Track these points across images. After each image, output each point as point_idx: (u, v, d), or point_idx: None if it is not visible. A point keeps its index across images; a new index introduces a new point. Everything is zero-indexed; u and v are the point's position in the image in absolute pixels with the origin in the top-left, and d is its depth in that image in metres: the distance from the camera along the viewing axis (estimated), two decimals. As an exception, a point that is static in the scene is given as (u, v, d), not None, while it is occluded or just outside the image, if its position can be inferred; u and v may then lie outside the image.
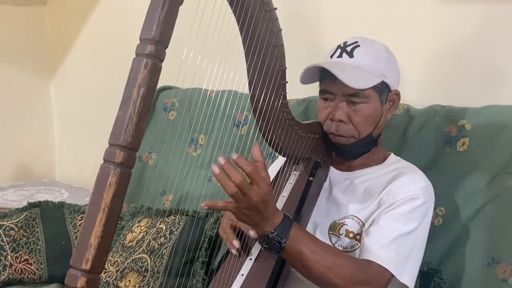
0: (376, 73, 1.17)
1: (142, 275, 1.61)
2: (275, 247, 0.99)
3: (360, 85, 1.14)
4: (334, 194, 1.24)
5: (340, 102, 1.18)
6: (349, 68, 1.15)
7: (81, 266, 0.72)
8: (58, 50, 2.62)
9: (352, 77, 1.13)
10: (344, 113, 1.17)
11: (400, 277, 1.06)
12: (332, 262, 1.01)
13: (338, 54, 1.19)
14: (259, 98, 1.04)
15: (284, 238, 0.98)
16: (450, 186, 1.35)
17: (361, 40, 1.20)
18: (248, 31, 0.99)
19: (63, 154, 2.71)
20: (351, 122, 1.18)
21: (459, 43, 1.52)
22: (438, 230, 1.32)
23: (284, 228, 0.98)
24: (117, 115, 0.77)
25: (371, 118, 1.19)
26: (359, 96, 1.16)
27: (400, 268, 1.06)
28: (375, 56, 1.18)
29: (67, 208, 1.86)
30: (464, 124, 1.38)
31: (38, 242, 1.73)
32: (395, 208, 1.11)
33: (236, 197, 0.92)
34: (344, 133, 1.19)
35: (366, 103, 1.17)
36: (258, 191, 0.92)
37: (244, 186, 0.90)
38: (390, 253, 1.05)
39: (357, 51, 1.17)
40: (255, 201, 0.92)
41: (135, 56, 0.78)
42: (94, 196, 0.75)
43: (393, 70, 1.21)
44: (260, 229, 0.99)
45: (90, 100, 2.52)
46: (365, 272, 1.03)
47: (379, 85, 1.17)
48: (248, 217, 0.96)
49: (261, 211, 0.95)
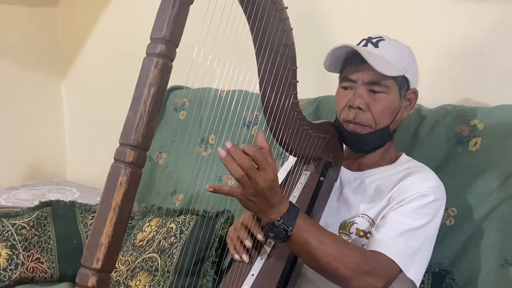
0: (399, 66, 1.17)
1: (153, 275, 1.61)
2: (281, 235, 0.97)
3: (385, 71, 1.13)
4: (344, 193, 1.23)
5: (361, 90, 1.17)
6: (375, 55, 1.15)
7: (92, 265, 0.72)
8: (69, 51, 2.63)
9: (378, 62, 1.13)
10: (363, 101, 1.17)
11: (407, 272, 1.05)
12: (339, 252, 1.00)
13: (363, 44, 1.20)
14: (270, 97, 1.03)
15: (290, 226, 0.97)
16: (462, 186, 1.34)
17: (385, 37, 1.21)
18: (258, 30, 0.98)
19: (74, 153, 2.73)
20: (369, 111, 1.17)
21: (471, 42, 1.51)
22: (450, 231, 1.31)
23: (290, 216, 0.97)
24: (128, 114, 0.77)
25: (389, 109, 1.18)
26: (380, 85, 1.16)
27: (407, 262, 1.05)
28: (399, 50, 1.19)
29: (78, 207, 1.87)
30: (476, 124, 1.37)
31: (49, 241, 1.74)
32: (405, 204, 1.10)
33: (243, 181, 0.90)
34: (361, 121, 1.18)
35: (386, 93, 1.17)
36: (265, 176, 0.91)
37: (251, 171, 0.89)
38: (399, 246, 1.04)
39: (382, 44, 1.18)
40: (261, 187, 0.91)
41: (145, 56, 0.78)
42: (104, 195, 0.75)
43: (413, 69, 1.22)
44: (266, 217, 0.98)
45: (101, 100, 2.54)
46: (372, 263, 1.02)
47: (401, 78, 1.17)
48: (254, 204, 0.95)
49: (267, 198, 0.94)
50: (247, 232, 1.11)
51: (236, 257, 1.08)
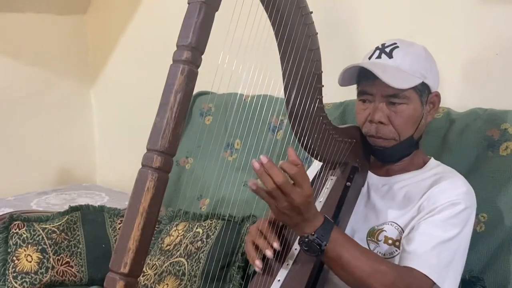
0: (416, 74, 1.14)
1: (180, 279, 1.62)
2: (315, 250, 0.97)
3: (401, 84, 1.11)
4: (372, 199, 1.22)
5: (380, 104, 1.16)
6: (389, 68, 1.13)
7: (120, 269, 0.73)
8: (98, 58, 2.68)
9: (393, 77, 1.11)
10: (384, 114, 1.15)
11: (442, 285, 1.03)
12: (373, 268, 0.99)
13: (376, 55, 1.18)
14: (295, 102, 1.03)
15: (324, 240, 0.97)
16: (492, 191, 1.30)
17: (399, 42, 1.18)
18: (283, 36, 0.98)
19: (104, 159, 2.78)
20: (391, 124, 1.16)
21: (500, 44, 1.48)
22: (480, 237, 1.28)
23: (324, 231, 0.97)
24: (155, 120, 0.78)
25: (412, 119, 1.16)
26: (399, 97, 1.14)
27: (441, 275, 1.03)
28: (415, 57, 1.16)
29: (107, 212, 1.89)
30: (507, 128, 1.33)
31: (79, 245, 1.76)
32: (435, 214, 1.08)
33: (275, 194, 0.90)
34: (384, 135, 1.17)
35: (406, 104, 1.15)
36: (301, 192, 0.91)
37: (286, 187, 0.89)
38: (432, 260, 1.03)
39: (396, 52, 1.15)
40: (297, 202, 0.91)
41: (172, 63, 0.79)
42: (132, 200, 0.76)
43: (432, 71, 1.19)
44: (301, 231, 0.98)
45: (129, 106, 2.58)
46: (406, 279, 1.01)
47: (420, 86, 1.15)
48: (289, 218, 0.95)
49: (302, 213, 0.94)
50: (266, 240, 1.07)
51: (258, 268, 1.05)
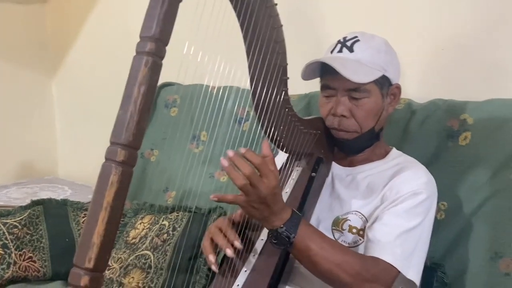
0: (377, 67, 1.16)
1: (146, 272, 1.61)
2: (284, 242, 0.99)
3: (362, 79, 1.14)
4: (336, 189, 1.24)
5: (342, 97, 1.18)
6: (350, 63, 1.15)
7: (84, 264, 0.72)
8: (59, 48, 2.62)
9: (354, 72, 1.13)
10: (346, 108, 1.18)
11: (406, 274, 1.06)
12: (340, 259, 1.01)
13: (338, 49, 1.19)
14: (261, 94, 1.03)
15: (293, 233, 0.98)
16: (452, 180, 1.34)
17: (360, 35, 1.19)
18: (249, 28, 0.98)
19: (66, 151, 2.72)
20: (353, 117, 1.18)
21: (460, 36, 1.51)
22: (441, 225, 1.32)
23: (293, 224, 0.99)
24: (118, 113, 0.77)
25: (373, 112, 1.19)
26: (360, 91, 1.16)
27: (405, 264, 1.06)
28: (375, 50, 1.18)
29: (70, 206, 1.86)
30: (466, 118, 1.37)
31: (41, 239, 1.73)
32: (398, 204, 1.11)
33: (246, 190, 0.92)
34: (346, 128, 1.19)
35: (368, 98, 1.17)
36: (267, 183, 0.92)
37: (253, 178, 0.90)
38: (396, 250, 1.05)
39: (357, 46, 1.17)
40: (264, 194, 0.92)
41: (135, 54, 0.78)
42: (96, 194, 0.74)
43: (393, 64, 1.21)
44: (269, 224, 0.99)
45: (91, 98, 2.53)
46: (372, 269, 1.03)
47: (380, 79, 1.17)
48: (257, 211, 0.96)
49: (270, 205, 0.95)
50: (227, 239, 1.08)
51: (213, 265, 1.07)
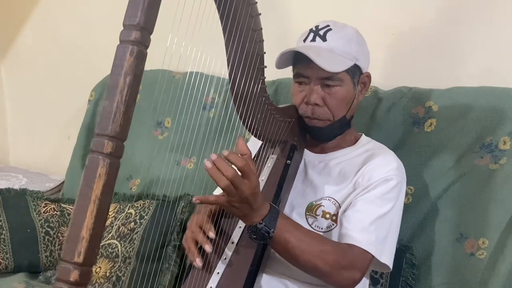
0: (349, 56, 1.18)
1: (113, 261, 1.59)
2: (264, 237, 1.01)
3: (335, 68, 1.15)
4: (309, 176, 1.25)
5: (315, 86, 1.19)
6: (324, 52, 1.16)
7: (73, 259, 0.70)
8: (8, 31, 2.50)
9: (328, 61, 1.14)
10: (319, 96, 1.19)
11: (380, 258, 1.09)
12: (318, 249, 1.04)
13: (311, 38, 1.20)
14: (240, 83, 1.03)
15: (272, 228, 1.00)
16: (418, 165, 1.39)
17: (332, 24, 1.21)
18: (229, 16, 0.97)
19: (18, 138, 2.61)
20: (326, 105, 1.20)
21: (426, 23, 1.55)
22: (408, 209, 1.37)
23: (271, 218, 1.01)
24: (103, 104, 0.75)
25: (345, 100, 1.21)
26: (333, 80, 1.18)
27: (379, 249, 1.09)
28: (347, 39, 1.20)
29: (30, 195, 1.80)
30: (431, 106, 1.42)
31: (1, 231, 1.66)
32: (370, 190, 1.14)
33: (229, 191, 0.93)
34: (319, 116, 1.21)
35: (340, 86, 1.19)
36: (249, 184, 0.94)
37: (236, 180, 0.92)
38: (370, 236, 1.09)
39: (330, 35, 1.19)
40: (246, 194, 0.94)
41: (119, 43, 0.76)
42: (83, 187, 0.73)
43: (364, 53, 1.24)
44: (249, 221, 1.00)
45: (43, 82, 2.43)
46: (349, 256, 1.07)
47: (352, 68, 1.19)
48: (238, 210, 0.98)
49: (250, 203, 0.97)
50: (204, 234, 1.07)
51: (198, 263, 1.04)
